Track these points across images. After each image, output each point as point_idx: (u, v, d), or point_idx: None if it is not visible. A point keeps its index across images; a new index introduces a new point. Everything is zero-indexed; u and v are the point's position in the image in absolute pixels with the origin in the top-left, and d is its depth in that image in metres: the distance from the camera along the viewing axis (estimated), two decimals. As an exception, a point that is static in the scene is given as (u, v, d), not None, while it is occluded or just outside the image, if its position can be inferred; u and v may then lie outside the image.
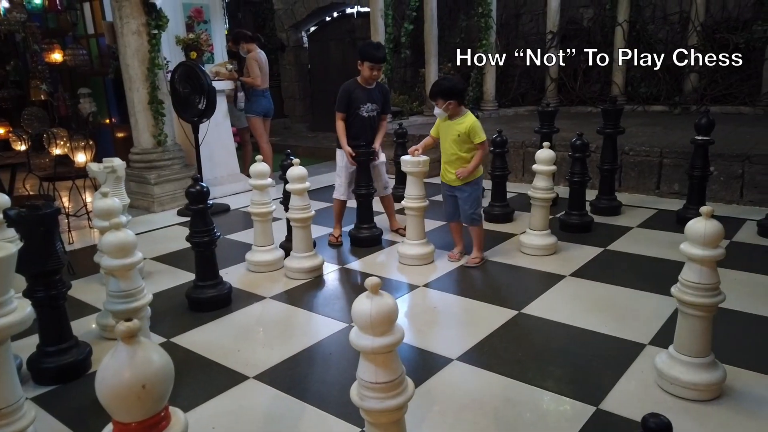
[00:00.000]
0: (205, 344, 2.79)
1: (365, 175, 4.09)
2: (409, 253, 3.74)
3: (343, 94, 4.04)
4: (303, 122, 10.63)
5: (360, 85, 4.05)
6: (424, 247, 3.76)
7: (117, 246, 2.21)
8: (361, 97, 4.03)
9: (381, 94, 4.15)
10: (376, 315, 1.55)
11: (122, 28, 5.17)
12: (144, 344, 1.12)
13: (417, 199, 3.70)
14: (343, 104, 4.04)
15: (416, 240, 3.76)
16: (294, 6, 10.01)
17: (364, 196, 4.14)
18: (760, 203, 4.60)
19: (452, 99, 3.48)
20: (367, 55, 3.93)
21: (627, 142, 5.27)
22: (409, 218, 3.76)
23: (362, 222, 4.21)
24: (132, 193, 5.42)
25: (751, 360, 2.44)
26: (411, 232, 3.77)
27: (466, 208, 3.64)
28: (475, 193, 3.64)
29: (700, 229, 2.04)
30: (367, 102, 4.05)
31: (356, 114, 4.05)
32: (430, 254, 3.76)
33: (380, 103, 4.13)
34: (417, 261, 3.72)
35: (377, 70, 3.99)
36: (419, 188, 3.70)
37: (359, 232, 4.20)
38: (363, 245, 4.15)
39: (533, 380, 2.37)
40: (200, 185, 3.04)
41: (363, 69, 3.98)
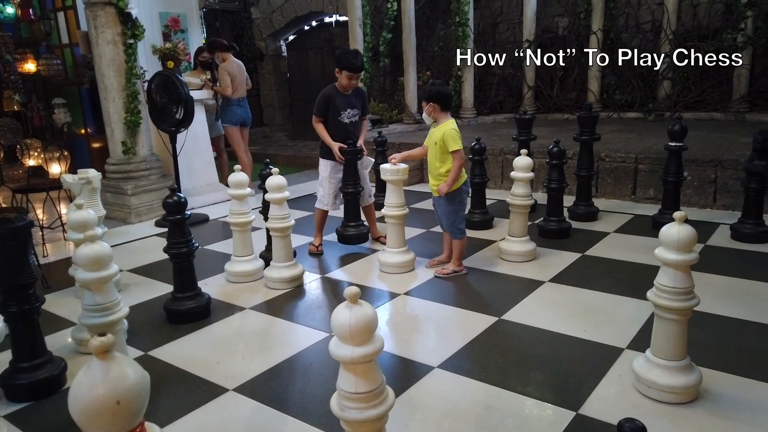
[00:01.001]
0: (183, 357, 2.75)
1: (353, 173, 4.09)
2: (390, 261, 3.74)
3: (321, 99, 4.04)
4: (283, 131, 10.61)
5: (339, 92, 4.05)
6: (405, 255, 3.76)
7: (92, 258, 2.17)
8: (341, 104, 4.04)
9: (359, 97, 4.16)
10: (355, 325, 1.55)
11: (97, 37, 5.11)
12: (118, 359, 1.10)
13: (397, 207, 3.70)
14: (321, 109, 4.05)
15: (396, 248, 3.76)
16: (272, 15, 10.01)
17: (351, 195, 4.14)
18: (732, 207, 4.70)
19: (432, 102, 3.47)
20: (346, 64, 3.92)
21: (603, 149, 5.36)
22: (390, 226, 3.76)
23: (349, 220, 4.23)
24: (108, 204, 5.35)
25: (726, 362, 2.49)
26: (391, 240, 3.77)
27: (444, 220, 3.66)
28: (452, 206, 3.59)
29: (674, 234, 2.08)
30: (347, 108, 4.07)
31: (338, 121, 4.06)
32: (410, 262, 3.76)
33: (360, 107, 4.15)
34: (397, 269, 3.72)
35: (355, 79, 4.00)
36: (399, 196, 3.70)
37: (346, 230, 4.22)
38: (350, 242, 4.22)
39: (514, 386, 2.38)
40: (177, 195, 3.01)
41: (341, 77, 3.98)
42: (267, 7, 10.03)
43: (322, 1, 9.33)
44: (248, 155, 6.43)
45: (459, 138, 3.44)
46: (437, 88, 3.53)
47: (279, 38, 10.37)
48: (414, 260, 3.79)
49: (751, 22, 6.53)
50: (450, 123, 3.50)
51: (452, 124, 3.49)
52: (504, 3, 8.54)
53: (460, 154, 3.44)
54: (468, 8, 7.66)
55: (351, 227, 4.22)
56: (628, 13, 7.63)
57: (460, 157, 3.43)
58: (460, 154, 3.43)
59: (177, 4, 6.23)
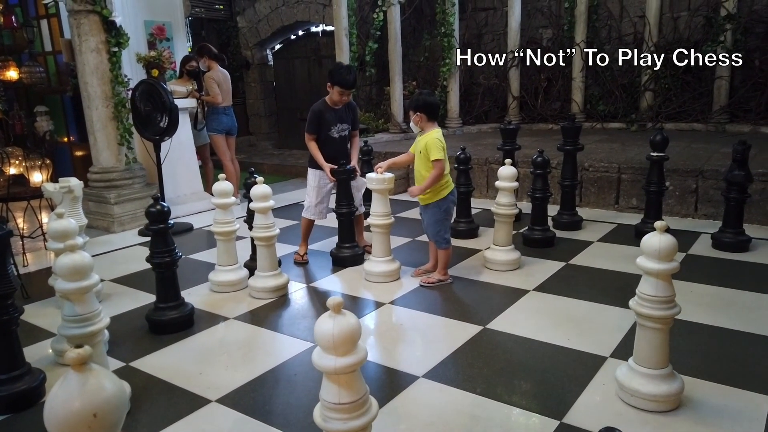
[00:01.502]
0: (165, 368, 2.72)
1: (346, 192, 4.04)
2: (375, 270, 3.73)
3: (313, 117, 4.00)
4: (269, 140, 10.59)
5: (329, 107, 4.01)
6: (390, 264, 3.75)
7: (72, 268, 2.14)
8: (331, 119, 4.01)
9: (349, 112, 4.12)
10: (338, 335, 1.54)
11: (81, 45, 5.08)
12: (95, 371, 1.08)
13: (382, 216, 3.68)
14: (313, 126, 4.01)
15: (382, 257, 3.75)
16: (258, 24, 10.01)
17: (345, 215, 4.06)
18: (713, 217, 4.76)
19: (419, 112, 3.47)
20: (338, 80, 3.89)
21: (586, 159, 5.41)
22: (375, 235, 3.74)
23: (343, 241, 4.12)
24: (91, 213, 5.30)
25: (708, 370, 2.51)
26: (377, 249, 3.76)
27: (430, 230, 3.64)
28: (436, 216, 3.58)
29: (655, 243, 2.10)
30: (338, 123, 4.04)
31: (328, 136, 4.03)
32: (395, 271, 3.76)
33: (350, 122, 4.11)
34: (383, 278, 3.71)
35: (347, 95, 3.98)
36: (385, 205, 3.68)
37: (340, 252, 4.11)
38: (344, 265, 4.06)
39: (499, 396, 2.38)
40: (161, 204, 2.98)
41: (332, 92, 3.95)
42: (253, 17, 10.04)
43: (308, 11, 9.36)
44: (235, 164, 6.40)
45: (442, 147, 3.44)
46: (424, 98, 3.54)
47: (265, 47, 10.38)
48: (399, 269, 3.79)
49: (731, 35, 6.66)
50: (435, 132, 3.50)
51: (437, 134, 3.50)
52: (489, 14, 8.63)
53: (441, 164, 3.43)
54: (453, 19, 7.73)
55: (346, 248, 4.11)
56: (611, 25, 7.74)
57: (439, 167, 3.43)
58: (440, 164, 3.43)
59: (162, 13, 6.20)
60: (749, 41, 6.75)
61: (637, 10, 7.49)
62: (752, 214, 4.57)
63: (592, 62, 7.50)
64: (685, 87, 7.21)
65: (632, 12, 7.56)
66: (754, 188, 4.48)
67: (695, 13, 7.13)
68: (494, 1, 8.50)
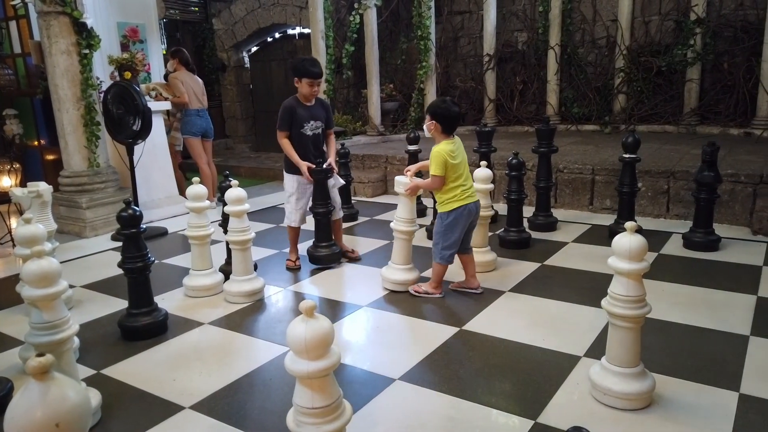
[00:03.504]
0: (138, 375, 2.67)
1: (323, 192, 3.94)
2: (393, 278, 3.56)
3: (284, 112, 3.89)
4: (245, 142, 10.51)
5: (300, 103, 3.92)
6: (409, 272, 3.58)
7: (39, 275, 2.09)
8: (303, 115, 3.90)
9: (323, 109, 4.03)
10: (311, 339, 1.53)
11: (50, 47, 4.98)
12: (58, 380, 1.06)
13: (406, 221, 3.52)
14: (285, 122, 3.90)
15: (402, 264, 3.57)
16: (234, 26, 9.94)
17: (321, 214, 3.98)
18: (684, 217, 4.85)
19: (436, 120, 3.26)
20: (304, 71, 3.80)
21: (561, 160, 5.48)
22: (397, 241, 3.57)
23: (320, 240, 4.06)
24: (62, 218, 5.20)
25: (679, 368, 2.55)
26: (397, 256, 3.58)
27: (434, 240, 3.47)
28: (438, 227, 3.40)
29: (626, 244, 2.13)
30: (310, 120, 3.93)
31: (300, 133, 3.92)
32: (415, 281, 3.57)
33: (323, 119, 4.02)
34: (401, 286, 3.55)
35: (317, 85, 3.88)
36: (410, 211, 3.51)
37: (317, 251, 4.06)
38: (321, 263, 4.06)
39: (475, 397, 2.39)
40: (132, 209, 2.93)
41: (301, 86, 3.86)
42: (229, 19, 9.96)
43: (285, 13, 9.32)
44: (212, 168, 6.34)
45: (444, 163, 3.24)
46: (447, 107, 3.28)
47: (242, 49, 10.30)
48: (418, 278, 3.61)
49: (700, 39, 6.81)
50: (443, 144, 3.27)
51: (445, 147, 3.26)
52: (465, 18, 8.69)
53: (435, 181, 3.29)
54: (429, 22, 7.76)
55: (322, 247, 4.05)
56: (584, 29, 7.86)
57: (431, 183, 3.32)
58: (434, 180, 3.29)
59: (136, 14, 6.11)
60: (718, 45, 6.91)
61: (609, 14, 7.62)
62: (722, 214, 4.67)
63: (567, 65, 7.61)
64: (657, 90, 7.35)
65: (605, 16, 7.68)
66: (723, 189, 4.58)
67: (666, 17, 7.27)
68: (470, 4, 8.56)
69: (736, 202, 4.69)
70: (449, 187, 3.32)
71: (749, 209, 4.62)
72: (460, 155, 3.32)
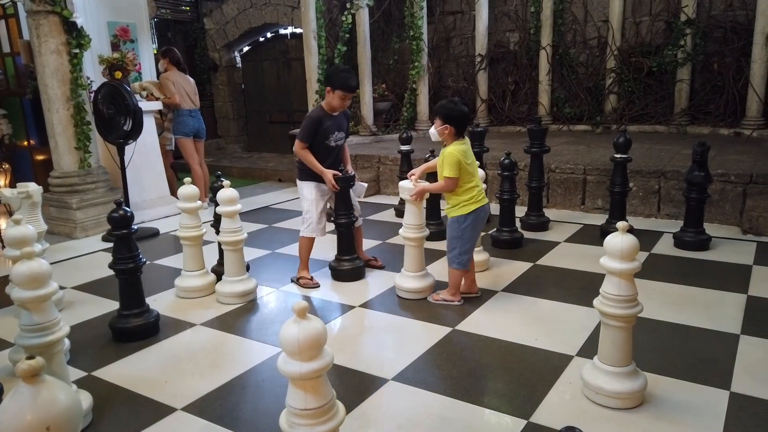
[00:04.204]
0: (129, 376, 2.66)
1: (345, 201, 3.73)
2: (407, 285, 3.47)
3: (311, 124, 3.61)
4: (237, 143, 10.47)
5: (327, 114, 3.64)
6: (423, 279, 3.48)
7: (29, 276, 2.07)
8: (330, 126, 3.65)
9: (346, 119, 3.80)
10: (303, 340, 1.53)
11: (40, 47, 4.94)
12: (48, 383, 1.05)
13: (415, 228, 3.41)
14: (310, 134, 3.62)
15: (415, 272, 3.48)
16: (226, 26, 9.90)
17: (344, 225, 3.75)
18: (675, 216, 4.88)
19: (450, 124, 3.13)
20: (340, 83, 3.53)
21: (553, 160, 5.49)
22: (408, 248, 3.47)
23: (343, 253, 3.82)
24: (52, 219, 5.16)
25: (670, 367, 2.57)
26: (409, 263, 3.49)
27: (449, 246, 3.33)
28: (453, 232, 3.27)
29: (617, 243, 2.14)
30: (336, 131, 3.69)
31: (324, 144, 3.67)
32: (429, 287, 3.48)
33: (345, 130, 3.80)
34: (415, 294, 3.45)
35: (348, 99, 3.61)
36: (418, 217, 3.40)
37: (340, 265, 3.81)
38: (344, 279, 3.79)
39: (468, 397, 2.39)
40: (123, 210, 2.91)
41: (332, 98, 3.56)
42: (221, 18, 9.92)
43: (276, 13, 9.30)
44: (204, 168, 6.31)
45: (458, 164, 3.13)
46: (460, 108, 3.16)
47: (233, 49, 10.26)
48: (433, 285, 3.50)
49: (690, 40, 6.85)
50: (457, 145, 3.16)
51: (458, 147, 3.15)
52: (457, 18, 8.70)
53: (449, 183, 3.17)
54: (422, 22, 7.77)
55: (346, 261, 3.81)
56: (575, 29, 7.88)
57: (445, 185, 3.20)
58: (448, 182, 3.17)
59: (126, 14, 6.07)
60: (708, 45, 6.95)
61: (600, 15, 7.64)
62: (712, 213, 4.70)
63: (559, 65, 7.64)
64: (648, 90, 7.38)
65: (596, 17, 7.71)
66: (714, 188, 4.62)
67: (656, 18, 7.31)
68: (462, 5, 8.57)
69: (727, 202, 4.72)
70: (465, 189, 3.21)
71: (739, 209, 4.66)
72: (470, 155, 3.25)
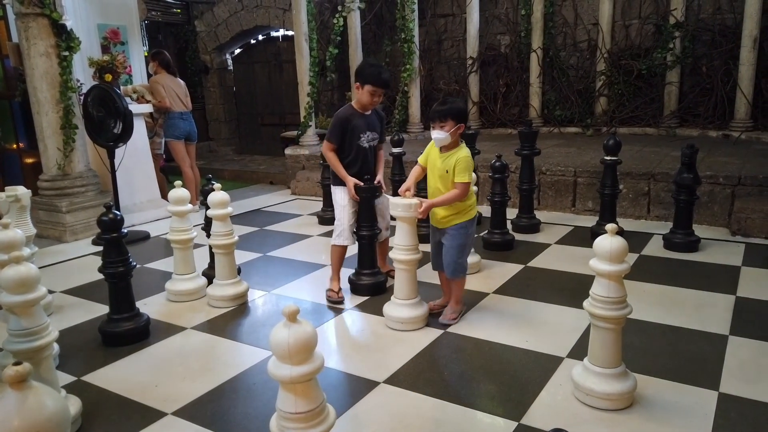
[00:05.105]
0: (119, 381, 2.64)
1: (369, 212, 3.52)
2: (397, 315, 3.07)
3: (338, 123, 3.43)
4: (229, 145, 10.44)
5: (357, 112, 3.44)
6: (416, 308, 3.08)
7: (17, 281, 2.06)
8: (360, 125, 3.43)
9: (379, 120, 3.55)
10: (294, 343, 1.53)
11: (29, 49, 4.91)
12: (36, 389, 1.04)
13: (408, 249, 3.01)
14: (337, 135, 3.43)
15: (406, 299, 3.08)
16: (217, 28, 9.88)
17: (366, 237, 3.53)
18: (665, 218, 4.92)
19: (463, 123, 2.95)
20: (370, 78, 3.31)
21: (544, 163, 5.52)
22: (399, 272, 3.08)
23: (363, 267, 3.61)
24: (41, 223, 5.13)
25: (659, 368, 2.58)
26: (400, 290, 3.09)
27: (450, 256, 3.07)
28: (462, 239, 3.06)
29: (606, 245, 2.16)
30: (367, 130, 3.45)
31: (357, 145, 3.44)
32: (422, 317, 3.09)
33: (379, 131, 3.55)
34: (407, 325, 3.06)
35: (378, 95, 3.36)
36: (411, 236, 3.00)
37: (360, 279, 3.60)
38: (364, 294, 3.58)
39: (459, 399, 2.40)
40: (113, 213, 2.90)
41: (362, 94, 3.36)
42: (212, 21, 9.90)
43: (268, 16, 9.29)
44: (195, 171, 6.29)
45: (472, 167, 3.01)
46: (464, 106, 3.04)
47: (225, 52, 10.24)
48: (427, 315, 3.13)
49: (679, 42, 6.91)
50: (466, 149, 3.00)
51: (467, 149, 3.00)
52: (448, 21, 8.72)
53: (465, 188, 2.95)
54: (413, 25, 7.78)
55: (366, 275, 3.60)
56: (566, 32, 7.93)
57: (461, 193, 2.95)
58: (464, 188, 2.95)
59: (117, 16, 6.05)
60: (697, 48, 7.01)
61: (590, 18, 7.69)
62: (701, 215, 4.74)
63: (549, 68, 7.68)
64: (638, 93, 7.43)
65: (586, 20, 7.75)
66: (702, 190, 4.65)
67: (646, 21, 7.36)
68: (453, 8, 8.60)
69: (715, 204, 4.76)
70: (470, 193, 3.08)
71: (728, 210, 4.70)
72: None
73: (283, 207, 6.34)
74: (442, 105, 2.96)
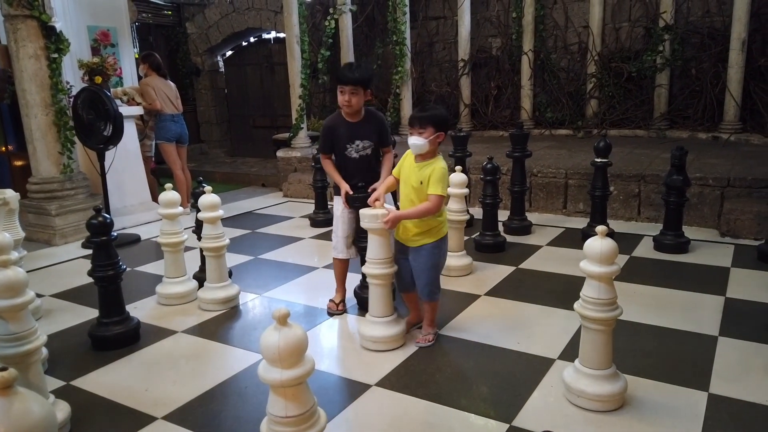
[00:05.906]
0: (109, 385, 2.62)
1: None
2: (372, 334, 2.87)
3: (323, 132, 3.29)
4: (220, 147, 10.40)
5: (344, 120, 3.20)
6: (392, 326, 2.89)
7: (5, 285, 2.04)
8: (344, 134, 3.19)
9: (373, 125, 3.24)
10: (284, 347, 1.52)
11: (18, 51, 4.87)
12: (22, 395, 1.03)
13: (381, 263, 2.82)
14: (326, 145, 3.28)
15: (382, 316, 2.89)
16: (208, 30, 9.85)
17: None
18: (655, 220, 4.94)
19: (443, 131, 2.79)
20: (336, 76, 3.16)
21: (535, 165, 5.54)
22: (373, 288, 2.89)
23: (365, 278, 3.33)
24: (30, 226, 5.09)
25: (650, 369, 2.60)
26: (375, 307, 2.90)
27: (424, 279, 2.87)
28: (435, 259, 2.87)
29: (597, 247, 2.16)
30: (355, 140, 3.19)
31: (344, 156, 3.23)
32: (399, 336, 2.90)
33: (375, 137, 3.24)
34: (383, 344, 2.87)
35: (348, 93, 3.06)
36: (384, 249, 2.81)
37: (364, 291, 3.37)
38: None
39: (451, 401, 2.39)
40: (103, 216, 2.88)
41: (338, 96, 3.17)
42: (203, 23, 9.87)
43: (259, 18, 9.27)
44: (186, 173, 6.27)
45: (447, 180, 2.82)
46: (442, 112, 2.82)
47: (216, 54, 10.21)
48: (404, 334, 2.94)
49: (669, 45, 6.96)
50: (442, 161, 2.82)
51: (443, 161, 2.82)
52: (440, 23, 8.75)
53: (438, 203, 2.74)
54: (405, 28, 7.79)
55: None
56: (557, 35, 7.97)
57: (433, 206, 2.74)
58: (438, 202, 2.74)
59: (107, 18, 6.02)
60: (686, 51, 7.06)
61: (581, 21, 7.73)
62: (691, 216, 4.77)
63: (540, 70, 7.72)
64: (628, 95, 7.48)
65: (577, 22, 7.80)
66: (692, 192, 4.68)
67: (635, 23, 7.41)
68: (445, 10, 8.62)
69: (705, 205, 4.80)
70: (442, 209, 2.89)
71: (717, 212, 4.73)
72: None
73: (275, 209, 6.33)
74: (422, 111, 2.81)
